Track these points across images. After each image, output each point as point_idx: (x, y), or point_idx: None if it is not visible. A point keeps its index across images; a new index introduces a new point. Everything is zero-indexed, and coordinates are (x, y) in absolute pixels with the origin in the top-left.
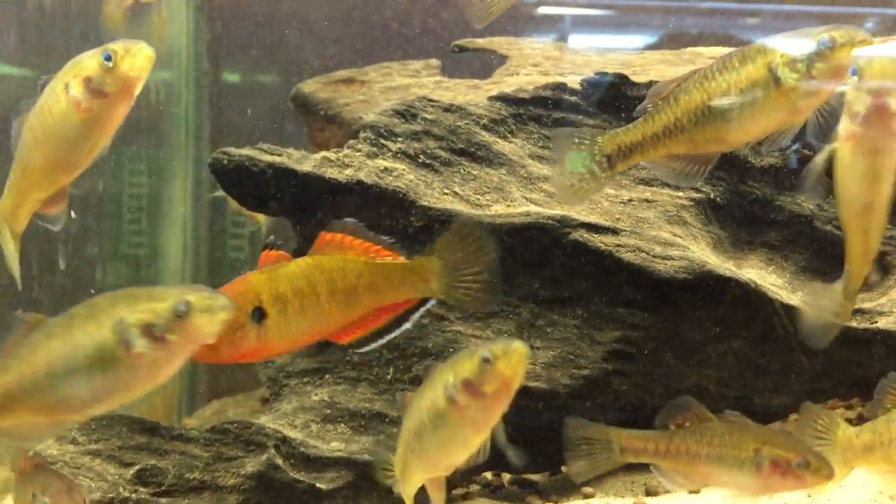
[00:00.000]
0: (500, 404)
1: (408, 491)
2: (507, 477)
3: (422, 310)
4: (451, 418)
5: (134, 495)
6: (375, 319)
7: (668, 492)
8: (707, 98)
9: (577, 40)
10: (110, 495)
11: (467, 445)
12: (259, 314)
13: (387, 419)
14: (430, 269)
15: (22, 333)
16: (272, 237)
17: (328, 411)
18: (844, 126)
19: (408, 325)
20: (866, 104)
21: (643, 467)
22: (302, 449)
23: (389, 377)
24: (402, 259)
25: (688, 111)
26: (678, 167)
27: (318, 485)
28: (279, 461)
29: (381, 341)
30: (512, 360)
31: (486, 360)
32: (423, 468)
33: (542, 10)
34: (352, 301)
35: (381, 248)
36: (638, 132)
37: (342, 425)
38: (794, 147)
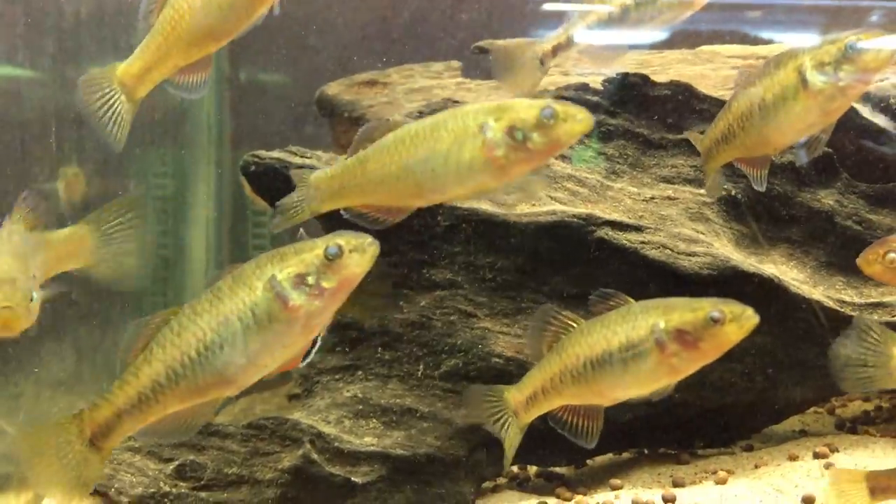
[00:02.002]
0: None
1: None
2: (532, 470)
3: None
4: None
5: (174, 490)
6: None
7: (694, 483)
8: (749, 104)
9: (583, 36)
10: (151, 490)
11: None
12: None
13: (417, 414)
14: None
15: (156, 327)
16: (302, 231)
17: (360, 407)
18: None
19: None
20: None
21: (669, 459)
22: (336, 444)
23: (419, 373)
24: None
25: (738, 117)
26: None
27: (353, 479)
28: (315, 456)
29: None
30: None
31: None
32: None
33: (548, 6)
34: None
35: None
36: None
37: (374, 421)
38: (804, 141)
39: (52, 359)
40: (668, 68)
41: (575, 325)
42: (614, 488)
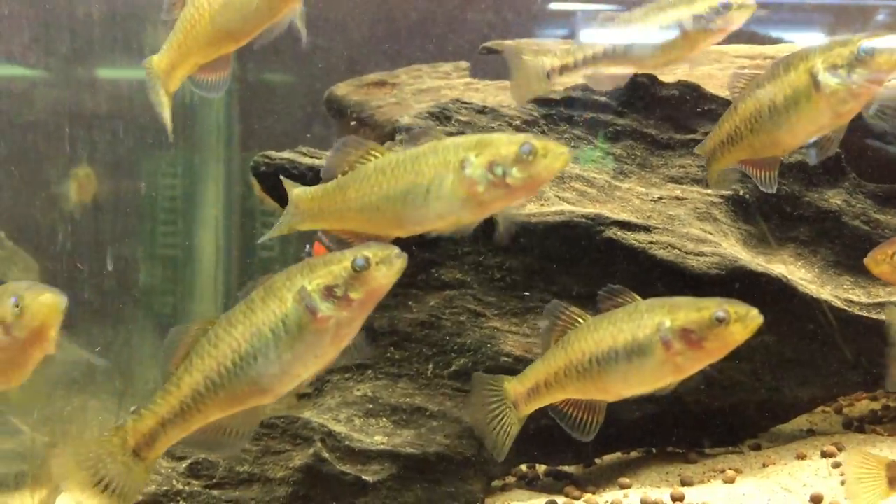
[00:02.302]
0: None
1: None
2: (541, 468)
3: None
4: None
5: (186, 488)
6: None
7: (702, 482)
8: (758, 106)
9: (588, 36)
10: (164, 488)
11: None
12: None
13: (427, 413)
14: None
15: (194, 336)
16: (320, 233)
17: (370, 406)
18: None
19: None
20: None
21: (678, 458)
22: (347, 442)
23: (429, 373)
24: None
25: (746, 118)
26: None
27: (363, 477)
28: (326, 454)
29: None
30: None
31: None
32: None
33: (554, 5)
34: None
35: None
36: None
37: (384, 419)
38: (814, 141)
39: (66, 358)
40: (675, 68)
41: (582, 320)
42: (623, 487)
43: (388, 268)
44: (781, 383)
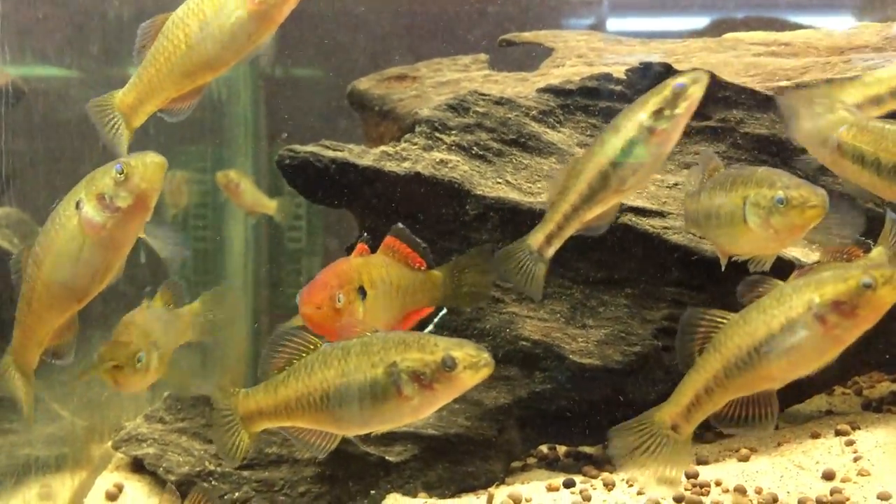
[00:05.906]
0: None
1: None
2: (562, 450)
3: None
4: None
5: (218, 468)
6: (405, 322)
7: (717, 461)
8: None
9: (615, 24)
10: (197, 469)
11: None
12: (363, 293)
13: None
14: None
15: (292, 352)
16: (366, 234)
17: None
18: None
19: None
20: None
21: (694, 438)
22: None
23: None
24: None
25: None
26: None
27: (387, 457)
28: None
29: None
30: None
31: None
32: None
33: None
34: (406, 300)
35: (416, 255)
36: None
37: None
38: None
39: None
40: (691, 56)
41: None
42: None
43: (473, 373)
44: None
